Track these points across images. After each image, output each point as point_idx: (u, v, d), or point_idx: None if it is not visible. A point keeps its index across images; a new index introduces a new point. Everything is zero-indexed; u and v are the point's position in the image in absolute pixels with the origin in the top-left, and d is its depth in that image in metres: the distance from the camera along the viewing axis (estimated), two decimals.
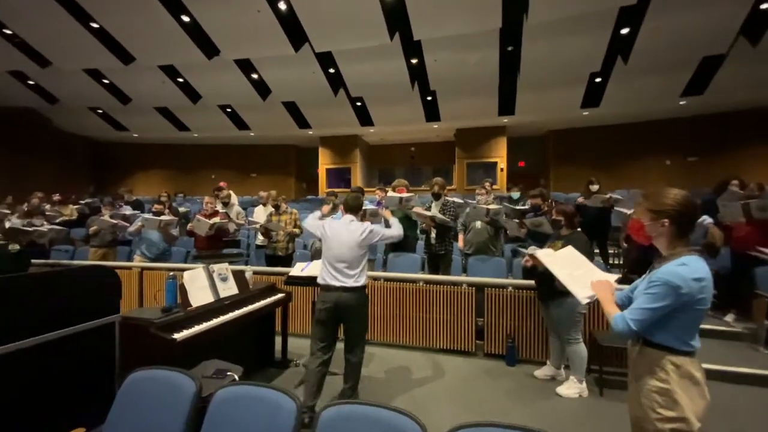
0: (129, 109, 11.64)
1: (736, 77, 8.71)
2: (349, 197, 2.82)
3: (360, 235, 2.61)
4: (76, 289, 2.10)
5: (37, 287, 1.92)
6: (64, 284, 2.04)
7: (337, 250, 2.57)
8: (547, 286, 2.83)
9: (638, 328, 1.33)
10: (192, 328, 2.26)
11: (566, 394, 2.75)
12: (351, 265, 2.56)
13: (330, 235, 2.64)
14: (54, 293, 1.99)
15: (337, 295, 2.51)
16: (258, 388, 1.56)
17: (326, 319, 2.54)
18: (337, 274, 2.54)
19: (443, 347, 3.61)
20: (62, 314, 2.00)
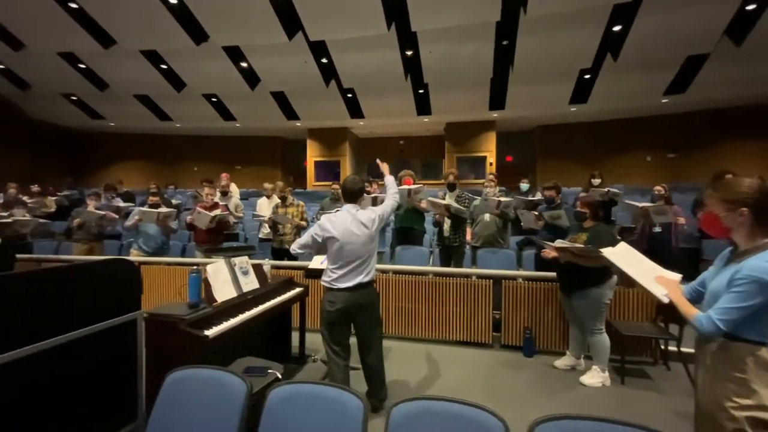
0: (106, 97, 11.05)
1: (718, 76, 9.06)
2: (348, 180, 2.46)
3: (373, 227, 2.38)
4: (96, 284, 1.94)
5: (54, 283, 1.76)
6: (83, 279, 1.88)
7: (350, 249, 2.31)
8: (571, 278, 2.85)
9: (727, 328, 1.31)
10: (221, 324, 2.15)
11: (590, 384, 2.79)
12: (365, 260, 2.36)
13: (337, 234, 2.30)
14: (73, 289, 1.83)
15: (348, 295, 2.31)
16: (317, 386, 1.48)
17: (338, 320, 2.35)
18: (349, 274, 2.32)
19: (459, 339, 3.60)
20: (82, 312, 1.85)
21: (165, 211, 4.40)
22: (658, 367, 3.12)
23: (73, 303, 1.81)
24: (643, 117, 11.94)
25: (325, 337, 2.40)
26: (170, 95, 11.05)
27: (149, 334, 2.03)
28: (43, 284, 1.71)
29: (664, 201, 3.99)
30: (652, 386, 2.82)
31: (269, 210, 4.91)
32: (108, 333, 1.96)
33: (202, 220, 4.32)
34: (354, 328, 2.46)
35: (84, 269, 1.92)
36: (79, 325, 1.82)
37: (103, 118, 12.64)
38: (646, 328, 2.99)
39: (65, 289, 1.79)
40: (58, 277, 1.81)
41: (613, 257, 1.82)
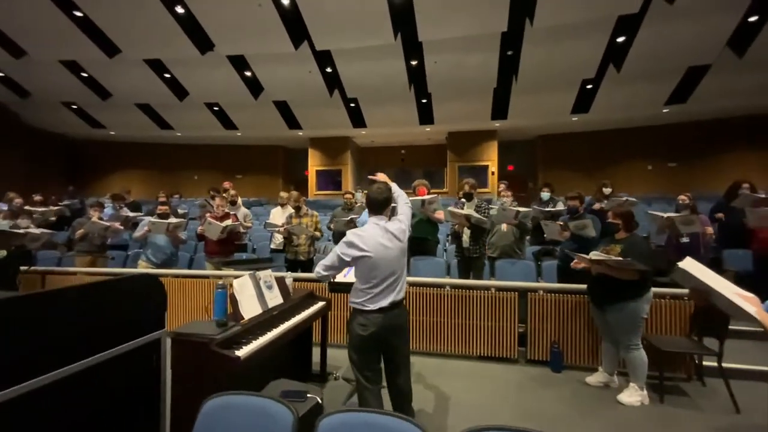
0: (108, 105, 10.95)
1: (719, 87, 9.16)
2: (372, 190, 2.22)
3: (404, 238, 2.19)
4: (121, 302, 1.82)
5: (77, 303, 1.64)
6: (107, 298, 1.76)
7: (384, 266, 2.09)
8: (605, 290, 2.76)
9: None
10: (250, 343, 2.02)
11: (628, 402, 2.68)
12: (398, 276, 2.15)
13: (369, 251, 2.08)
14: (96, 309, 1.71)
15: (381, 317, 2.09)
16: (372, 414, 1.37)
17: (371, 345, 2.13)
18: (383, 293, 2.11)
19: (482, 354, 3.49)
20: (106, 333, 1.73)
21: (175, 222, 4.28)
22: (692, 383, 3.02)
23: (96, 323, 1.68)
24: (644, 126, 12.04)
25: (354, 362, 2.18)
26: (172, 104, 10.98)
27: (176, 355, 1.91)
28: (65, 305, 1.58)
29: (689, 210, 3.94)
30: (691, 404, 2.72)
31: (283, 220, 4.80)
32: (132, 354, 1.83)
33: (213, 230, 4.20)
34: (384, 352, 2.24)
35: (108, 287, 1.80)
36: (103, 348, 1.69)
37: (104, 127, 12.53)
38: (683, 343, 2.90)
39: (88, 309, 1.67)
40: (80, 296, 1.68)
41: (695, 271, 1.72)
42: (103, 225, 4.39)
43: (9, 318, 1.33)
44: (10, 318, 1.34)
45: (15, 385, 1.32)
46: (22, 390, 1.34)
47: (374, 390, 2.17)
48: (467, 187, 3.99)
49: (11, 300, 1.35)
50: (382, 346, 2.18)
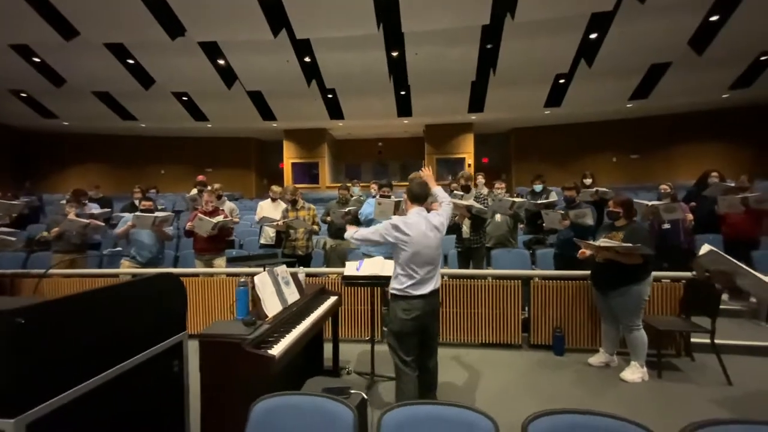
0: (61, 93, 10.08)
1: (678, 83, 9.78)
2: (414, 184, 2.40)
3: (443, 231, 2.36)
4: (143, 305, 1.69)
5: (100, 308, 1.50)
6: (128, 301, 1.62)
7: (425, 254, 2.23)
8: (609, 276, 2.90)
9: None
10: (279, 342, 1.95)
11: (631, 379, 2.85)
12: (437, 266, 2.32)
13: (414, 237, 2.21)
14: (120, 314, 1.57)
15: (424, 302, 2.24)
16: (435, 407, 1.36)
17: (413, 329, 2.25)
18: (425, 280, 2.24)
19: (487, 341, 3.57)
20: (128, 339, 1.60)
21: (162, 216, 4.03)
22: (682, 359, 3.25)
23: (118, 330, 1.55)
24: (609, 120, 12.67)
25: (395, 348, 2.28)
26: (136, 93, 10.28)
27: (205, 359, 1.79)
28: (84, 312, 1.43)
29: (670, 199, 4.21)
30: (686, 378, 2.93)
31: (273, 213, 4.64)
32: (153, 361, 1.70)
33: (203, 226, 4.00)
34: (421, 334, 2.35)
35: (129, 288, 1.66)
36: (124, 357, 1.55)
37: (56, 117, 11.54)
38: (677, 322, 3.11)
39: (109, 314, 1.52)
40: (100, 300, 1.53)
41: (721, 256, 1.83)
42: (82, 222, 4.04)
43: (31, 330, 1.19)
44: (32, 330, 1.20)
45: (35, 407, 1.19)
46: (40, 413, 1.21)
47: (412, 376, 2.25)
48: (462, 180, 4.04)
49: (30, 309, 1.20)
50: (420, 331, 2.30)
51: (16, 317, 1.14)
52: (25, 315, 1.16)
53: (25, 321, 1.15)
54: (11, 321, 1.13)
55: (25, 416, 1.16)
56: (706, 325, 2.91)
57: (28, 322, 1.16)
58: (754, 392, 2.65)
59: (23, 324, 1.15)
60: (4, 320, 1.13)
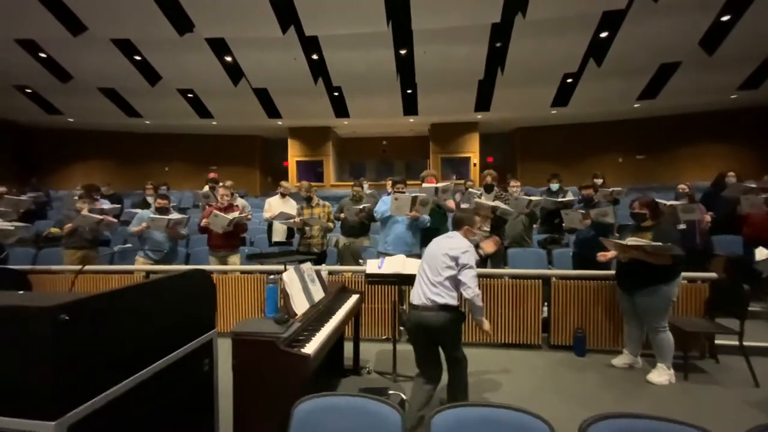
0: (67, 89, 10.01)
1: (687, 83, 9.71)
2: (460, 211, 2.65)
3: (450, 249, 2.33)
4: (177, 301, 1.64)
5: (138, 304, 1.45)
6: (165, 297, 1.58)
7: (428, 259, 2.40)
8: (637, 276, 2.85)
9: None
10: (311, 340, 1.90)
11: (658, 382, 2.81)
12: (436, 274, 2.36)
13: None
14: (155, 311, 1.52)
15: (417, 314, 2.33)
16: (485, 408, 1.31)
17: (416, 341, 2.38)
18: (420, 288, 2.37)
19: (507, 342, 3.52)
20: (161, 338, 1.55)
21: (176, 218, 3.98)
22: (705, 360, 3.20)
23: (153, 328, 1.50)
24: (616, 120, 12.60)
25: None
26: (142, 89, 10.22)
27: (239, 357, 1.75)
28: (124, 308, 1.38)
29: (688, 199, 4.16)
30: (712, 380, 2.89)
31: (283, 210, 4.59)
32: (184, 360, 1.65)
33: (219, 223, 3.95)
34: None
35: (163, 285, 1.60)
36: (158, 355, 1.50)
37: (61, 113, 11.48)
38: (704, 324, 3.06)
39: (145, 312, 1.47)
40: (139, 297, 1.48)
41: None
42: (95, 218, 3.99)
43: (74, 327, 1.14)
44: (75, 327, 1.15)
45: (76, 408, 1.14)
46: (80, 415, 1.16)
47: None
48: (489, 179, 3.98)
49: (74, 304, 1.15)
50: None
51: (60, 313, 1.09)
52: (68, 311, 1.11)
53: (69, 317, 1.10)
54: (55, 317, 1.08)
55: (66, 418, 1.11)
56: (731, 326, 2.87)
57: (72, 319, 1.11)
58: None
59: (67, 320, 1.10)
60: (47, 316, 1.08)
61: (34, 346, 1.07)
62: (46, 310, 1.07)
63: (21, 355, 1.08)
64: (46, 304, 1.09)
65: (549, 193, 4.72)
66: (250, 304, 3.77)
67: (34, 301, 1.13)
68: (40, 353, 1.07)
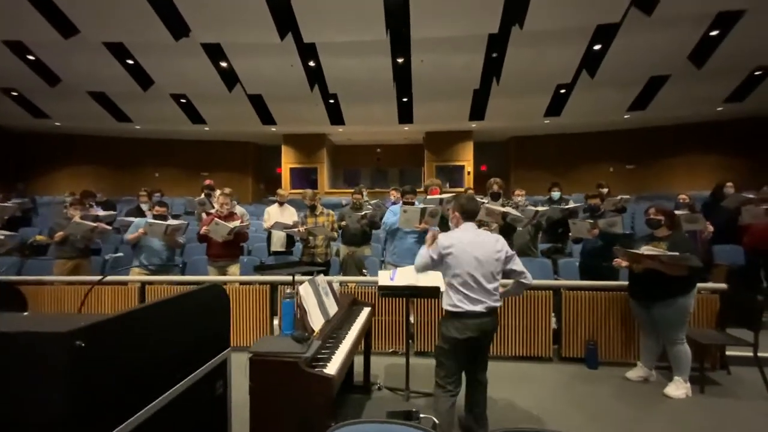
0: (55, 93, 9.76)
1: (676, 96, 9.95)
2: (464, 199, 2.36)
3: (496, 252, 2.26)
4: (194, 320, 1.53)
5: (155, 325, 1.33)
6: (182, 316, 1.46)
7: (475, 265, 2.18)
8: (653, 287, 2.81)
9: None
10: (331, 359, 1.79)
11: (675, 395, 2.76)
12: (491, 280, 2.23)
13: (462, 250, 2.19)
14: (173, 331, 1.41)
15: (480, 321, 2.16)
16: None
17: (465, 350, 2.19)
18: (479, 296, 2.16)
19: (517, 354, 3.45)
20: (180, 359, 1.43)
21: (175, 224, 3.83)
22: (717, 372, 3.18)
23: (171, 349, 1.38)
24: (607, 131, 12.84)
25: (440, 368, 2.24)
26: (133, 94, 10.01)
27: (257, 379, 1.63)
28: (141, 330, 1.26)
29: (688, 209, 4.19)
30: (728, 393, 2.86)
31: (281, 218, 4.48)
32: (200, 383, 1.53)
33: (219, 231, 3.81)
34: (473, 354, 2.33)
35: (180, 303, 1.48)
36: (178, 378, 1.39)
37: (48, 117, 11.17)
38: (718, 335, 3.04)
39: (162, 333, 1.35)
40: (155, 317, 1.36)
41: None
42: (89, 225, 3.81)
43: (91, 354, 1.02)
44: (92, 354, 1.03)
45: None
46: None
47: (446, 401, 2.18)
48: (496, 187, 3.95)
49: (90, 329, 1.03)
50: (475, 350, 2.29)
51: (75, 339, 0.98)
52: (85, 337, 0.99)
53: (85, 344, 0.99)
54: (70, 344, 0.97)
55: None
56: (744, 338, 2.86)
57: (89, 345, 1.00)
58: None
59: (83, 348, 0.99)
60: (62, 343, 0.96)
61: (48, 376, 0.96)
62: (61, 336, 0.96)
63: (32, 387, 0.96)
64: (60, 329, 0.98)
65: (551, 202, 4.70)
66: (253, 317, 3.63)
67: (45, 326, 1.01)
68: (54, 384, 0.95)
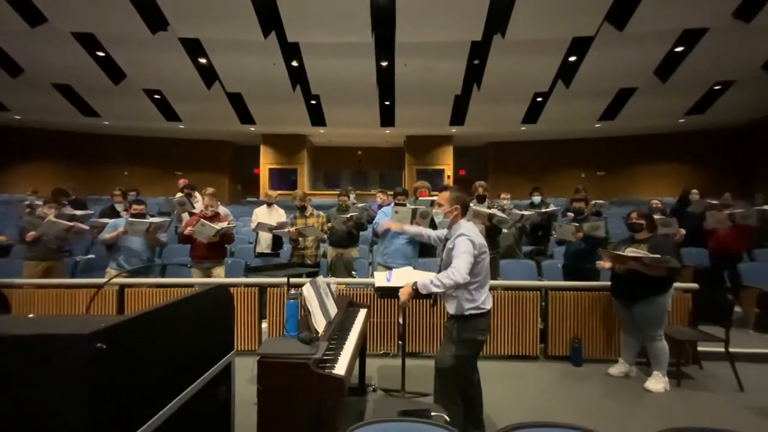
0: (17, 84, 9.17)
1: (642, 107, 10.55)
2: (464, 195, 2.30)
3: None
4: (202, 322, 1.47)
5: (169, 328, 1.28)
6: (192, 318, 1.41)
7: (487, 263, 2.19)
8: (635, 287, 2.96)
9: None
10: (338, 360, 1.78)
11: (655, 389, 2.91)
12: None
13: (485, 248, 2.15)
14: (184, 334, 1.36)
15: (489, 319, 2.22)
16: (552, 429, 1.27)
17: (479, 350, 2.23)
18: (487, 292, 2.21)
19: (505, 353, 3.54)
20: (190, 363, 1.38)
21: (157, 222, 3.68)
22: (690, 367, 3.38)
23: (181, 352, 1.33)
24: (579, 138, 13.40)
25: (463, 377, 2.18)
26: (103, 88, 9.56)
27: (267, 381, 1.59)
28: (156, 333, 1.21)
29: (660, 213, 4.44)
30: (702, 386, 3.05)
31: (269, 220, 4.40)
32: (206, 388, 1.47)
33: (205, 232, 3.69)
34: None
35: (189, 305, 1.43)
36: (187, 382, 1.34)
37: (7, 110, 10.48)
38: (692, 332, 3.23)
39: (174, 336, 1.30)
40: (167, 319, 1.29)
41: None
42: (65, 225, 3.59)
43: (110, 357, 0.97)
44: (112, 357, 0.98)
45: None
46: None
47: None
48: (481, 190, 4.04)
49: (110, 331, 0.98)
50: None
51: (97, 341, 0.93)
52: (105, 338, 0.94)
53: (106, 346, 0.94)
54: (90, 347, 0.92)
55: None
56: (717, 334, 3.06)
57: (110, 348, 0.95)
58: (764, 395, 2.81)
59: (104, 350, 0.94)
60: (82, 346, 0.91)
61: (68, 380, 0.90)
62: (82, 338, 0.91)
63: (51, 392, 0.91)
64: (78, 331, 0.93)
65: (532, 206, 4.87)
66: (241, 320, 3.53)
67: (61, 328, 0.95)
68: (74, 389, 0.90)
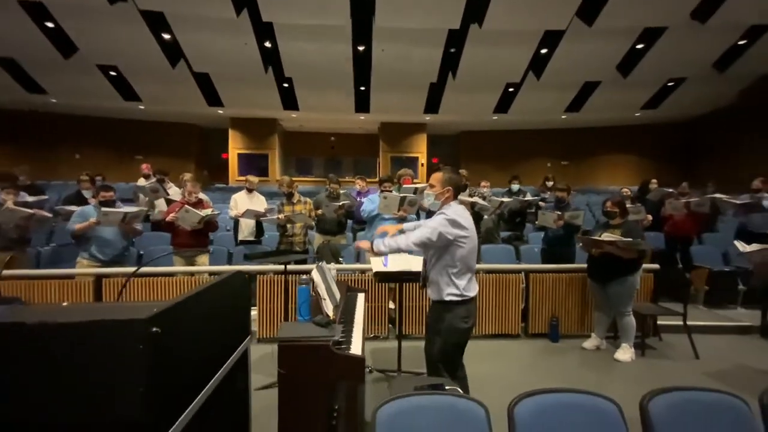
0: None
1: (605, 100, 11.15)
2: (456, 176, 2.20)
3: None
4: (226, 309, 1.47)
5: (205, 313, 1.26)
6: (219, 305, 1.40)
7: (474, 249, 2.12)
8: (608, 268, 3.23)
9: None
10: (351, 342, 1.84)
11: (623, 359, 3.23)
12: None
13: (472, 233, 2.07)
14: (214, 320, 1.34)
15: (474, 303, 2.16)
16: (564, 394, 1.40)
17: (468, 337, 2.20)
18: (473, 279, 2.13)
19: (489, 333, 3.74)
20: (219, 349, 1.38)
21: (134, 212, 3.50)
22: (651, 339, 3.75)
23: (213, 339, 1.33)
24: (547, 129, 13.96)
25: (450, 363, 2.16)
26: (51, 62, 8.75)
27: (286, 365, 1.61)
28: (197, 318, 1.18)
29: (630, 201, 4.81)
30: (663, 355, 3.41)
31: (250, 206, 4.32)
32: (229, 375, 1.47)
33: (189, 219, 3.57)
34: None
35: (216, 291, 1.40)
36: (216, 367, 1.34)
37: None
38: (655, 308, 3.58)
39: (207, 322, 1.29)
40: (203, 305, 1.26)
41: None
42: (25, 213, 3.32)
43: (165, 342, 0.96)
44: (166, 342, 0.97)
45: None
46: None
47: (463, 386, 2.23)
48: (463, 179, 4.16)
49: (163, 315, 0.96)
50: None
51: (152, 325, 0.92)
52: (159, 323, 0.94)
53: (162, 330, 0.93)
54: (146, 331, 0.91)
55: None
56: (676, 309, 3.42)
57: (165, 332, 0.94)
58: (717, 362, 3.20)
59: (160, 334, 0.93)
60: (138, 330, 0.90)
61: (127, 364, 0.89)
62: (139, 323, 0.90)
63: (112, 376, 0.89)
64: (130, 316, 0.92)
65: (510, 194, 5.10)
66: None
67: (112, 313, 0.93)
68: (133, 373, 0.89)
